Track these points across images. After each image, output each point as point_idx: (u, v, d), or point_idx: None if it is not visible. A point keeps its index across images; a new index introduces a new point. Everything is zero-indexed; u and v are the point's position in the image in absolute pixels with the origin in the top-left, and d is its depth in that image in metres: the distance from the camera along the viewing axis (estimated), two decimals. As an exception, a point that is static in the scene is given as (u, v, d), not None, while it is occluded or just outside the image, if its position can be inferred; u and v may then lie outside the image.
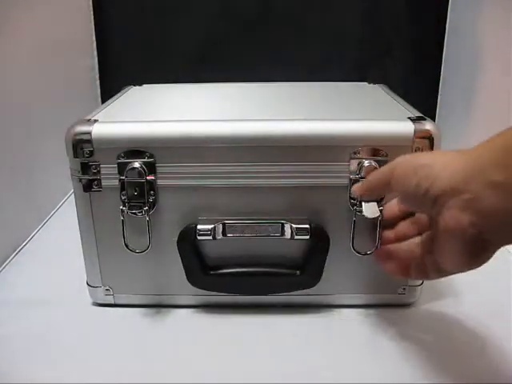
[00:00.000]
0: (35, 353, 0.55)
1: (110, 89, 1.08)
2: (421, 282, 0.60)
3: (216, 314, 0.60)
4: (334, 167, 0.55)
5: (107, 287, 0.60)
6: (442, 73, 1.09)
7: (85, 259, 0.60)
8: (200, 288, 0.58)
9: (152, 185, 0.55)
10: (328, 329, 0.58)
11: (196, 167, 0.55)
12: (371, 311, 0.60)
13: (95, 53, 1.07)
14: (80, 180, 0.55)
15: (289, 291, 0.58)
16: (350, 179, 0.54)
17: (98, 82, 1.09)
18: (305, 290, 0.58)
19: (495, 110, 0.83)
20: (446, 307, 0.62)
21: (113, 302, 0.61)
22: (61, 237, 0.79)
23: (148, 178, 0.54)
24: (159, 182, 0.55)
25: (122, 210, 0.55)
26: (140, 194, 0.55)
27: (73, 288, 0.64)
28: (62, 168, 0.60)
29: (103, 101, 1.10)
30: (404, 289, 0.60)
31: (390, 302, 0.61)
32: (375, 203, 0.54)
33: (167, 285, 0.60)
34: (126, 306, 0.61)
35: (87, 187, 0.55)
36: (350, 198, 0.55)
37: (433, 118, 1.15)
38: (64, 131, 0.55)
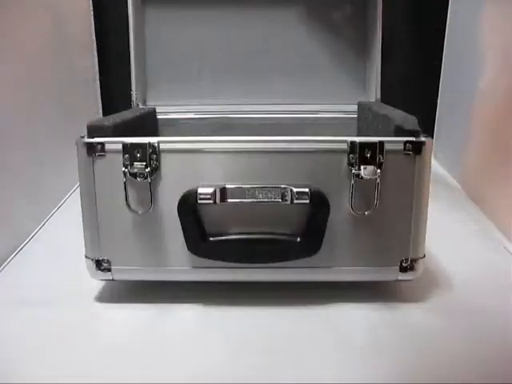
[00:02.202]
0: (35, 352, 0.54)
1: (110, 89, 1.10)
2: (423, 255, 0.60)
3: (216, 311, 0.60)
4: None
5: (106, 259, 0.59)
6: (441, 74, 1.12)
7: (84, 230, 0.59)
8: (199, 256, 0.58)
9: (154, 148, 0.56)
10: (327, 327, 0.57)
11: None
12: (371, 310, 0.60)
13: (95, 53, 1.09)
14: (84, 144, 0.56)
15: (289, 259, 0.58)
16: (349, 143, 0.56)
17: (97, 82, 1.11)
18: (306, 262, 0.58)
19: (495, 110, 0.84)
20: (447, 306, 0.61)
21: (111, 278, 0.60)
22: (61, 237, 0.80)
23: (151, 141, 0.56)
24: (162, 145, 0.56)
25: (124, 173, 0.56)
26: (142, 157, 0.56)
27: (73, 288, 0.64)
28: (62, 168, 0.61)
29: (103, 101, 1.11)
30: (406, 261, 0.59)
31: (391, 276, 0.60)
32: (373, 166, 0.55)
33: (167, 256, 0.59)
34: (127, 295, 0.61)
35: (90, 151, 0.56)
36: (349, 162, 0.56)
37: (432, 119, 1.15)
38: (64, 131, 0.57)
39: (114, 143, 0.56)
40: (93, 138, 0.57)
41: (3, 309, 0.61)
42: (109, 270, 0.60)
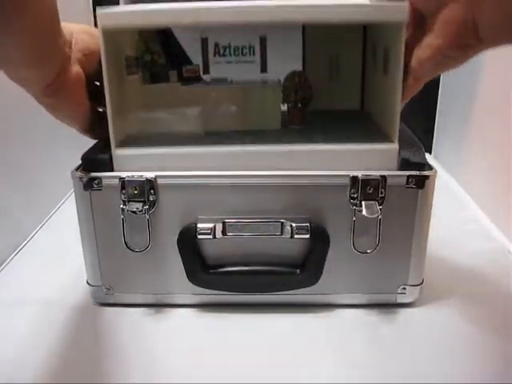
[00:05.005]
0: (35, 352, 0.54)
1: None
2: (421, 281, 0.60)
3: (216, 314, 0.60)
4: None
5: (107, 286, 0.60)
6: (441, 76, 1.09)
7: (85, 258, 0.60)
8: (200, 286, 0.58)
9: (152, 183, 0.55)
10: (328, 329, 0.58)
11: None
12: (371, 311, 0.60)
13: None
14: (80, 179, 0.55)
15: (289, 290, 0.58)
16: (350, 178, 0.54)
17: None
18: (305, 289, 0.58)
19: (496, 109, 0.82)
20: (446, 307, 0.61)
21: (113, 302, 0.61)
22: (61, 237, 0.79)
23: (148, 176, 0.55)
24: (159, 180, 0.55)
25: (123, 209, 0.55)
26: (140, 193, 0.55)
27: (73, 288, 0.64)
28: (62, 168, 0.60)
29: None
30: (404, 288, 0.60)
31: (390, 301, 0.60)
32: (375, 202, 0.54)
33: (167, 284, 0.60)
34: (126, 305, 0.61)
35: (87, 186, 0.55)
36: (350, 197, 0.55)
37: (433, 118, 1.14)
38: (64, 131, 0.55)
39: (111, 178, 0.55)
40: (88, 172, 0.55)
41: (3, 309, 0.62)
42: (111, 295, 0.61)
